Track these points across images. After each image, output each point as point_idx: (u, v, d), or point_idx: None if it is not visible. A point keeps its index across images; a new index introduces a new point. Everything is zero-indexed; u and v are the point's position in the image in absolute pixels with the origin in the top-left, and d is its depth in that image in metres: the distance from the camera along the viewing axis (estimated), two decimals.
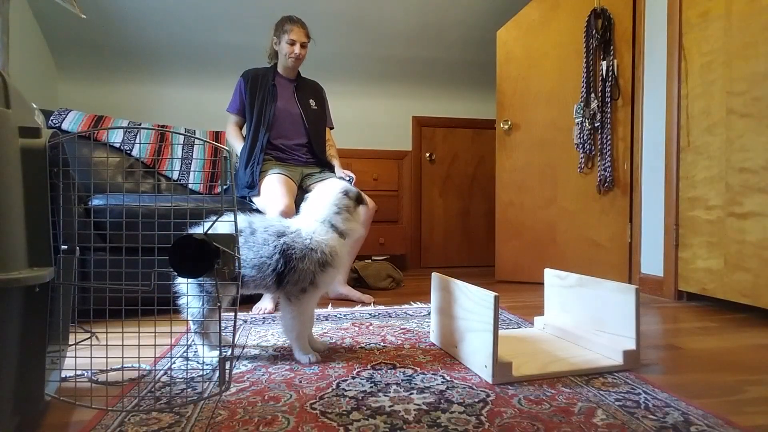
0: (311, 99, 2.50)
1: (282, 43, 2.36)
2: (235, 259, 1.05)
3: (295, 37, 2.33)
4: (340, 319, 1.92)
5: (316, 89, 2.57)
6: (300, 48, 2.36)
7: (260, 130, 2.33)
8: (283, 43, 2.35)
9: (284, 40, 2.34)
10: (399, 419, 0.98)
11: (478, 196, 3.76)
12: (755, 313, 2.04)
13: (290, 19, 2.37)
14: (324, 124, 2.54)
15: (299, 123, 2.42)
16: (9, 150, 0.83)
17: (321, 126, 2.51)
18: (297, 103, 2.43)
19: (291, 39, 2.33)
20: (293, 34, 2.33)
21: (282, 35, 2.35)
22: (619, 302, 1.37)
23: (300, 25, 2.36)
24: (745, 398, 1.14)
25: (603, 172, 2.68)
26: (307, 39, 2.39)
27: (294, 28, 2.34)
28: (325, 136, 2.54)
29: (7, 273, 0.79)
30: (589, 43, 2.69)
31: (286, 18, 2.38)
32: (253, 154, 2.30)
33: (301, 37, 2.35)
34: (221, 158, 1.05)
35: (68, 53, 3.02)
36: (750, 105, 1.99)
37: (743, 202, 2.02)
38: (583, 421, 0.98)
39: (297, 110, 2.42)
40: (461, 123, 3.72)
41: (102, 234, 1.94)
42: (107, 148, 2.63)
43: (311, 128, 2.43)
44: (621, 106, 2.68)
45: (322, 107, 2.55)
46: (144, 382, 1.20)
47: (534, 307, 2.18)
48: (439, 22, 3.23)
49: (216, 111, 3.30)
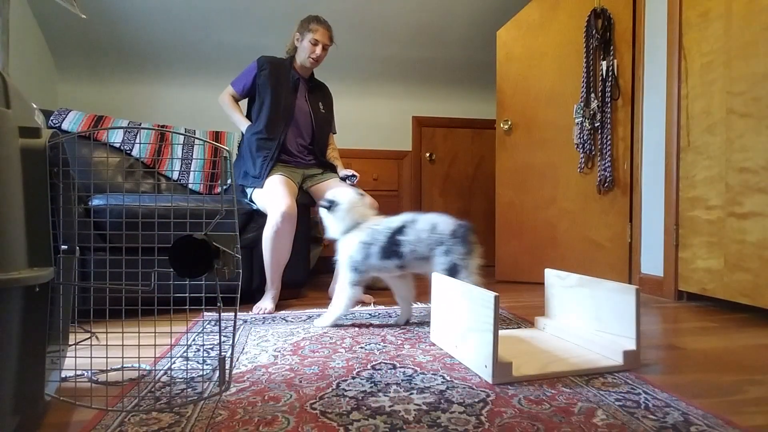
0: (320, 102, 2.50)
1: (304, 41, 2.33)
2: (235, 259, 1.05)
3: (319, 37, 2.31)
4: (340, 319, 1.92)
5: (326, 93, 2.57)
6: (321, 50, 2.33)
7: (279, 124, 2.31)
8: (305, 41, 2.33)
9: (307, 38, 2.32)
10: (399, 419, 0.98)
11: (478, 196, 3.76)
12: (755, 313, 2.04)
13: (317, 19, 2.34)
14: (329, 128, 2.55)
15: (309, 124, 2.43)
16: (9, 150, 0.83)
17: (326, 130, 2.52)
18: (308, 103, 2.43)
19: (315, 39, 2.30)
20: (318, 35, 2.31)
21: (306, 33, 2.33)
22: (620, 302, 1.37)
23: (326, 27, 2.34)
24: (745, 398, 1.14)
25: (603, 172, 2.68)
26: (330, 42, 2.37)
27: (320, 28, 2.31)
28: (327, 140, 2.55)
29: (7, 273, 0.79)
30: (589, 43, 2.69)
31: (313, 17, 2.35)
32: (268, 146, 2.29)
33: (324, 39, 2.33)
34: (221, 158, 1.05)
35: (68, 53, 3.02)
36: (750, 105, 1.99)
37: (743, 202, 2.02)
38: (583, 421, 0.98)
39: (308, 110, 2.43)
40: (461, 123, 3.72)
41: (102, 234, 1.94)
42: (107, 148, 2.63)
43: (317, 131, 2.44)
44: (621, 106, 2.68)
45: (329, 112, 2.55)
46: (144, 382, 1.20)
47: (534, 307, 2.17)
48: (439, 22, 3.23)
49: (216, 111, 3.30)
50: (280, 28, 3.09)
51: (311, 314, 2.00)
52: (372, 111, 3.61)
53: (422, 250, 1.70)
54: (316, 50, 2.32)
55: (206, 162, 2.75)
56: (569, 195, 2.80)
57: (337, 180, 2.40)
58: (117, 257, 1.21)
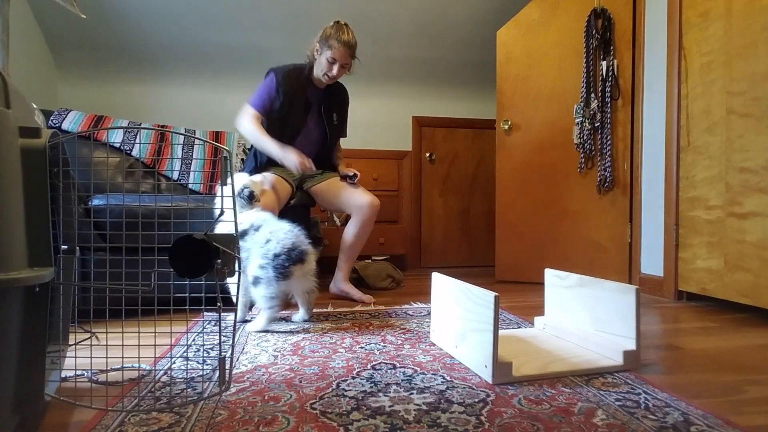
0: (335, 113, 2.40)
1: (322, 57, 2.20)
2: (235, 259, 1.05)
3: (338, 57, 2.17)
4: (340, 319, 1.92)
5: (342, 99, 2.45)
6: (338, 69, 2.20)
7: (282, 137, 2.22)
8: (323, 57, 2.19)
9: (325, 55, 2.18)
10: (399, 419, 0.98)
11: (478, 196, 3.76)
12: (755, 313, 2.04)
13: (339, 37, 2.16)
14: (338, 137, 2.49)
15: (318, 141, 2.39)
16: (9, 150, 0.83)
17: (334, 140, 2.47)
18: (323, 118, 2.35)
19: (332, 57, 2.17)
20: (336, 54, 2.16)
21: (325, 49, 2.18)
22: (620, 302, 1.37)
23: (346, 45, 2.17)
24: (745, 398, 1.14)
25: (603, 172, 2.69)
26: (351, 59, 2.22)
27: (340, 48, 2.15)
28: (336, 148, 2.51)
29: (7, 273, 0.79)
30: (589, 43, 2.69)
31: (336, 33, 2.17)
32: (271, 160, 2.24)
33: (343, 59, 2.18)
34: (221, 158, 1.05)
35: (68, 53, 3.02)
36: (750, 105, 1.99)
37: (743, 202, 2.02)
38: (583, 421, 0.98)
39: (321, 129, 2.37)
40: (461, 123, 3.72)
41: (102, 234, 1.94)
42: (107, 148, 2.63)
43: (327, 143, 2.41)
44: (621, 106, 2.68)
45: (342, 120, 2.46)
46: (144, 382, 1.20)
47: (534, 307, 2.18)
48: (439, 22, 3.23)
49: (216, 111, 3.31)
50: (280, 28, 3.10)
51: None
52: (372, 111, 3.61)
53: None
54: (333, 69, 2.20)
55: (206, 162, 2.75)
56: (569, 195, 2.80)
57: (337, 179, 2.40)
58: (117, 257, 1.21)
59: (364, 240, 2.36)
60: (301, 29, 3.11)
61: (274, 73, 2.24)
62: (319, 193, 2.40)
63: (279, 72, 2.24)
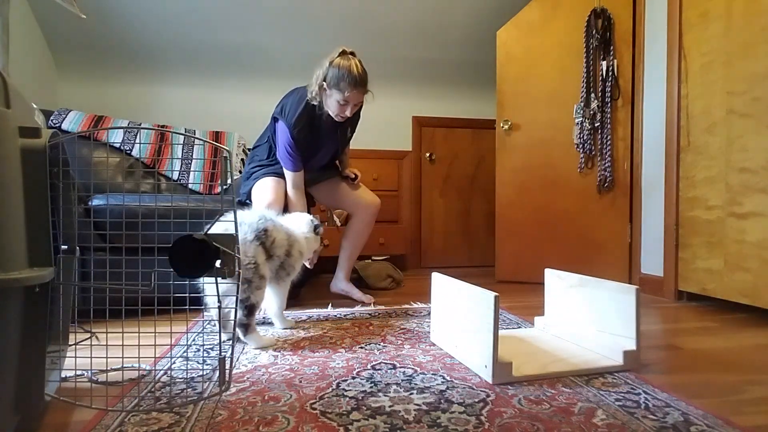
0: (349, 127, 2.27)
1: (332, 99, 2.00)
2: (235, 259, 1.05)
3: (351, 100, 1.99)
4: (340, 319, 1.92)
5: (357, 114, 2.23)
6: (352, 108, 2.03)
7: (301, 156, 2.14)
8: (333, 99, 1.99)
9: (335, 97, 1.98)
10: (399, 419, 0.98)
11: (478, 196, 3.75)
12: (755, 313, 2.04)
13: (349, 79, 1.94)
14: (346, 145, 2.40)
15: (331, 152, 2.30)
16: (9, 150, 0.83)
17: (345, 148, 2.40)
18: (337, 137, 2.23)
19: (345, 100, 1.98)
20: (350, 97, 1.97)
21: (334, 91, 1.97)
22: (620, 302, 1.37)
23: (360, 86, 1.97)
24: (745, 398, 1.14)
25: (603, 172, 2.69)
26: (364, 95, 2.03)
27: (353, 92, 1.96)
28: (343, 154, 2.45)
29: (7, 273, 0.79)
30: (589, 43, 2.69)
31: (345, 75, 1.94)
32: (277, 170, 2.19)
33: (356, 99, 2.00)
34: (221, 158, 1.05)
35: (68, 53, 3.02)
36: (750, 105, 1.99)
37: (743, 202, 2.02)
38: (583, 421, 0.98)
39: (335, 143, 2.26)
40: (461, 123, 3.72)
41: (102, 234, 1.93)
42: (107, 148, 2.63)
43: (337, 152, 2.34)
44: (621, 106, 2.68)
45: (353, 128, 2.33)
46: (144, 382, 1.20)
47: (534, 307, 2.17)
48: (439, 22, 3.23)
49: (216, 111, 3.30)
50: (280, 28, 3.09)
51: (311, 314, 2.00)
52: (372, 111, 3.59)
53: None
54: (346, 111, 2.03)
55: (206, 162, 2.75)
56: (569, 195, 2.80)
57: (338, 179, 2.39)
58: (117, 257, 1.21)
59: (364, 239, 2.36)
60: (302, 29, 3.11)
61: (285, 125, 2.08)
62: (321, 192, 2.39)
63: (289, 121, 2.07)
